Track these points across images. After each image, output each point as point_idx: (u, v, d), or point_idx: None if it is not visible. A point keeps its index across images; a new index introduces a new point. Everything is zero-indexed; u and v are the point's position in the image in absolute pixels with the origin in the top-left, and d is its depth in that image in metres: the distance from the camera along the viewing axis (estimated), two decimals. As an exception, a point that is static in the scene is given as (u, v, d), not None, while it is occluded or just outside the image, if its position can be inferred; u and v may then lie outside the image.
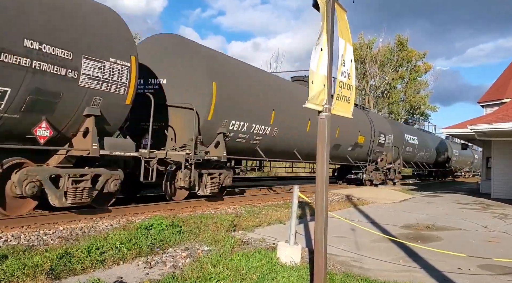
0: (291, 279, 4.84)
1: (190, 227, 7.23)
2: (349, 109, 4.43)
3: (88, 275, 4.54)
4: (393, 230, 8.58)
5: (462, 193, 21.24)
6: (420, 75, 48.89)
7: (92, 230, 6.78)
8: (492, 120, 16.15)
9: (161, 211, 9.16)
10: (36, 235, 6.18)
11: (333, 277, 4.92)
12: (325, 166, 4.11)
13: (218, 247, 6.04)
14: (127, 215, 8.35)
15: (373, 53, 46.53)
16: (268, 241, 6.76)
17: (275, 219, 8.96)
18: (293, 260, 5.46)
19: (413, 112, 50.03)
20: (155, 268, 5.05)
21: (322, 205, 4.11)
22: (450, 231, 8.95)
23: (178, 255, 5.59)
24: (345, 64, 4.28)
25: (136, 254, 5.45)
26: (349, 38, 4.37)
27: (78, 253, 5.06)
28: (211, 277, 4.61)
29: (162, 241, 6.16)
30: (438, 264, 5.89)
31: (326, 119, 4.09)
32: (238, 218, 8.69)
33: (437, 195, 19.26)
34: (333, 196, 15.09)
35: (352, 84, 4.44)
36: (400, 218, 10.53)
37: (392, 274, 5.27)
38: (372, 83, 47.56)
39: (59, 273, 4.50)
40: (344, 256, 6.13)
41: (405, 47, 46.88)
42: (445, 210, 13.10)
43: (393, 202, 14.75)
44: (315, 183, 4.29)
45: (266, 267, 5.16)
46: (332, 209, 11.17)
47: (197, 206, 10.26)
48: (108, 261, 5.06)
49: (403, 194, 18.69)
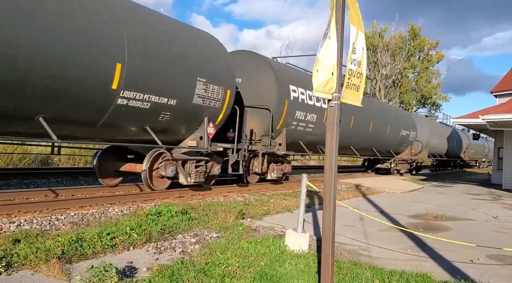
0: (299, 266, 4.88)
1: (199, 214, 7.29)
2: (358, 98, 4.39)
3: (99, 259, 4.62)
4: (402, 220, 8.57)
5: (473, 184, 21.09)
6: (433, 64, 48.22)
7: (103, 216, 6.88)
8: (505, 110, 15.94)
9: (170, 198, 9.25)
10: (48, 220, 6.29)
11: (341, 265, 4.94)
12: (333, 155, 4.10)
13: (227, 234, 6.10)
14: (137, 202, 8.45)
15: (385, 42, 45.95)
16: (276, 229, 6.80)
17: (283, 207, 8.99)
18: (300, 248, 5.49)
19: (424, 102, 49.49)
20: (164, 253, 5.12)
21: (331, 194, 4.11)
22: (459, 221, 8.92)
23: (187, 241, 5.66)
24: (356, 52, 4.24)
25: (146, 239, 5.52)
26: (360, 26, 4.32)
27: (89, 238, 5.13)
28: (220, 263, 4.67)
29: (171, 228, 6.23)
30: (447, 254, 5.88)
31: (336, 107, 4.07)
32: (246, 206, 8.74)
33: (447, 186, 19.15)
34: (342, 185, 15.08)
35: (362, 72, 4.39)
36: (409, 208, 10.50)
37: (400, 263, 5.28)
38: (384, 72, 47.07)
39: (71, 257, 4.58)
40: (352, 245, 6.15)
41: (417, 36, 46.23)
42: (455, 200, 13.03)
43: (402, 192, 14.71)
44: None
45: (274, 254, 5.20)
46: (341, 198, 11.18)
47: (206, 194, 10.34)
48: (119, 246, 5.14)
49: (413, 184, 18.61)
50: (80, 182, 11.44)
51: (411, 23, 47.15)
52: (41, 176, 11.63)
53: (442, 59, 48.75)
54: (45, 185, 10.42)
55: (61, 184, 10.98)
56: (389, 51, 45.67)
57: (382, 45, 45.66)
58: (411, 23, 47.15)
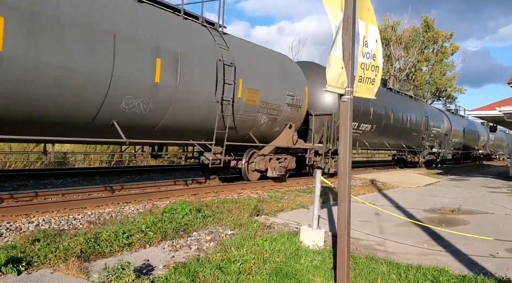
0: (314, 262, 4.87)
1: (214, 212, 7.33)
2: (373, 91, 4.36)
3: (116, 257, 4.68)
4: (418, 214, 8.49)
5: (490, 177, 20.76)
6: (447, 56, 47.51)
7: (119, 215, 6.96)
8: (522, 101, 15.63)
9: (185, 196, 9.31)
10: (65, 219, 6.39)
11: (357, 261, 4.92)
12: (347, 149, 4.08)
13: (242, 231, 6.12)
14: (152, 200, 8.53)
15: (398, 35, 45.41)
16: (291, 226, 6.80)
17: (298, 203, 8.98)
18: (316, 244, 5.48)
19: (439, 95, 48.82)
20: (180, 251, 5.16)
21: (345, 189, 4.09)
22: (476, 215, 8.80)
23: (203, 239, 5.69)
24: (368, 45, 4.20)
25: (161, 237, 5.58)
26: (372, 19, 4.28)
27: (106, 236, 5.20)
28: (235, 260, 4.69)
29: (186, 225, 6.27)
30: (464, 248, 5.81)
31: (348, 102, 4.05)
32: (260, 202, 8.76)
33: (464, 179, 18.89)
34: (357, 180, 14.99)
35: (377, 65, 4.34)
36: (425, 202, 10.40)
37: (417, 258, 5.24)
38: (397, 66, 46.53)
39: (89, 256, 4.65)
40: (368, 240, 6.11)
41: (431, 28, 45.57)
42: (472, 193, 12.85)
43: (418, 186, 14.56)
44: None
45: (289, 251, 5.20)
46: (356, 194, 11.12)
47: (220, 191, 10.39)
48: (135, 245, 5.20)
49: (429, 178, 18.40)
50: (96, 182, 11.58)
51: (424, 15, 46.50)
52: (58, 177, 11.81)
53: (457, 51, 47.98)
54: (62, 185, 10.58)
55: (77, 184, 11.14)
56: (402, 44, 45.13)
57: (395, 38, 45.13)
58: (424, 15, 46.50)
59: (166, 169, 15.76)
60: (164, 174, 14.51)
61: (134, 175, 13.66)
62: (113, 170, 14.12)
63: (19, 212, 6.67)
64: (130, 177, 13.28)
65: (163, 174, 14.51)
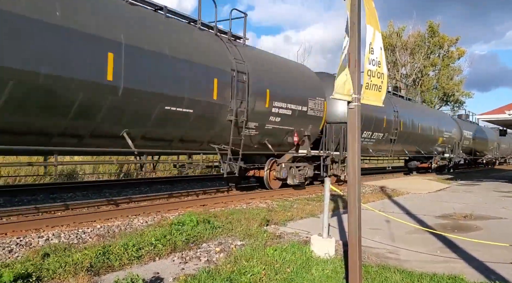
0: (326, 272, 4.81)
1: (223, 222, 7.28)
2: (380, 98, 4.33)
3: (126, 271, 4.65)
4: (429, 221, 8.37)
5: (501, 181, 20.49)
6: (453, 61, 47.32)
7: (128, 227, 6.95)
8: (532, 104, 15.48)
9: (193, 207, 9.28)
10: (75, 233, 6.38)
11: (369, 270, 4.85)
12: (356, 157, 4.04)
13: (251, 242, 6.06)
14: (161, 212, 8.51)
15: (403, 41, 45.35)
16: (301, 235, 6.74)
17: (307, 212, 8.91)
18: (327, 253, 5.41)
19: (447, 100, 48.52)
20: (190, 263, 5.12)
21: (355, 197, 4.04)
22: (489, 220, 8.66)
23: (212, 250, 5.65)
24: (374, 52, 4.18)
25: (171, 249, 5.54)
26: (377, 26, 4.27)
27: (116, 250, 5.18)
28: (246, 271, 4.64)
29: (195, 237, 6.23)
30: (478, 254, 5.70)
31: (355, 109, 4.02)
32: (269, 212, 8.70)
33: (475, 184, 18.66)
34: (367, 188, 14.88)
35: (382, 72, 4.33)
36: (436, 208, 10.26)
37: (430, 265, 5.14)
38: (403, 72, 46.40)
39: (99, 270, 4.63)
40: (379, 248, 6.03)
41: (436, 33, 45.46)
42: (484, 198, 12.68)
43: (428, 192, 14.40)
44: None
45: (300, 261, 5.14)
46: (366, 201, 11.02)
47: (229, 202, 10.35)
48: (145, 257, 5.17)
49: (439, 183, 18.21)
50: (105, 195, 11.59)
51: (430, 20, 46.42)
52: (67, 191, 11.84)
53: (463, 55, 47.79)
54: (71, 199, 10.60)
55: (86, 197, 11.16)
56: (408, 50, 45.05)
57: (401, 44, 45.07)
58: (430, 20, 46.42)
59: (174, 181, 15.76)
60: (172, 186, 14.50)
61: (143, 187, 13.66)
62: (121, 183, 14.14)
63: (30, 227, 6.69)
64: (139, 189, 13.29)
65: (171, 186, 14.50)
